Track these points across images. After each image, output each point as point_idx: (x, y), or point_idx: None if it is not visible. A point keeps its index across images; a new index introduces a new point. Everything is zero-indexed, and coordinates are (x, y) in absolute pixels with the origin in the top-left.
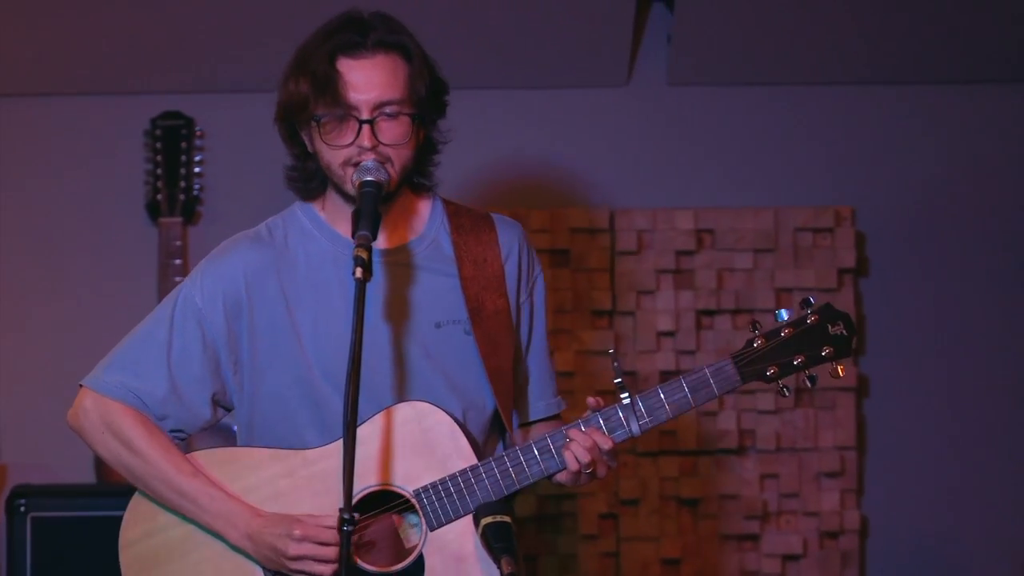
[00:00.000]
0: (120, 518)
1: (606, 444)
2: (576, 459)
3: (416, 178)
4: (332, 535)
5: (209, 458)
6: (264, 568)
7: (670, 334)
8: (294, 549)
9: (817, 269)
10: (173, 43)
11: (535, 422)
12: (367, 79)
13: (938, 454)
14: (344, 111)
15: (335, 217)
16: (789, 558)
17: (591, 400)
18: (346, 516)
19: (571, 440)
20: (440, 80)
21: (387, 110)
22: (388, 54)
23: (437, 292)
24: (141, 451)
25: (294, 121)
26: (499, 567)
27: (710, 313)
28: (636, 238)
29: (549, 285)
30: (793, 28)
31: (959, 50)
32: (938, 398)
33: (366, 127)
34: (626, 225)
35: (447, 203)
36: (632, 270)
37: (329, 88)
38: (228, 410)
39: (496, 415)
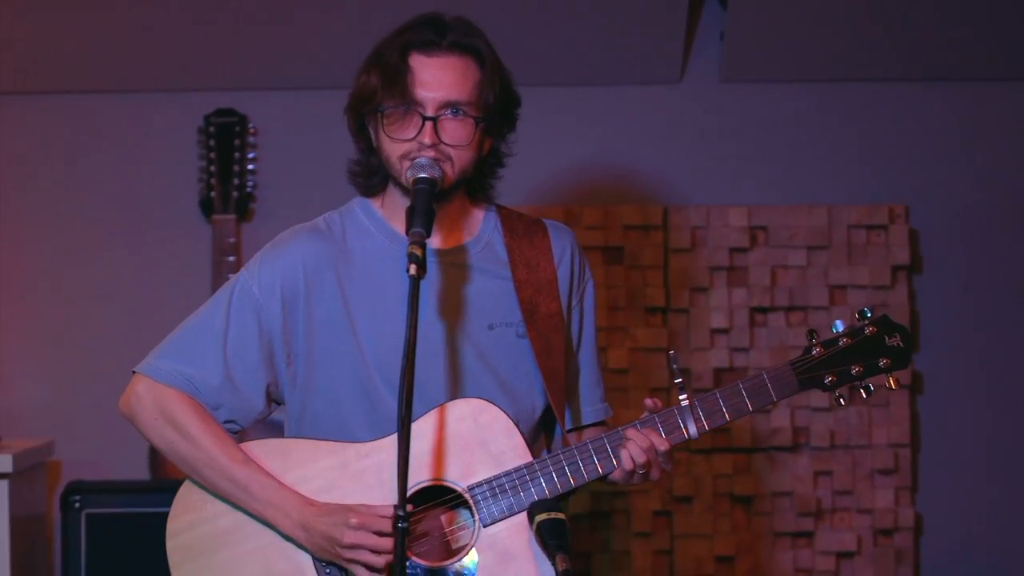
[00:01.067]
0: None
1: (662, 446)
2: (631, 459)
3: (476, 187)
4: (387, 525)
5: (262, 448)
6: (315, 558)
7: (724, 331)
8: (349, 537)
9: (871, 266)
10: (227, 40)
11: (582, 427)
12: (436, 77)
13: (992, 451)
14: (409, 105)
15: (393, 214)
16: (843, 555)
17: (648, 401)
18: (400, 512)
19: (628, 440)
20: (513, 93)
21: (452, 110)
22: (462, 56)
23: (491, 294)
24: (194, 437)
25: (362, 112)
26: (553, 564)
27: (763, 310)
28: (690, 235)
29: (602, 282)
30: (846, 24)
31: (1014, 47)
32: (993, 395)
33: (429, 124)
34: (680, 222)
35: (500, 208)
36: (686, 267)
37: (398, 81)
38: (279, 403)
39: (543, 418)
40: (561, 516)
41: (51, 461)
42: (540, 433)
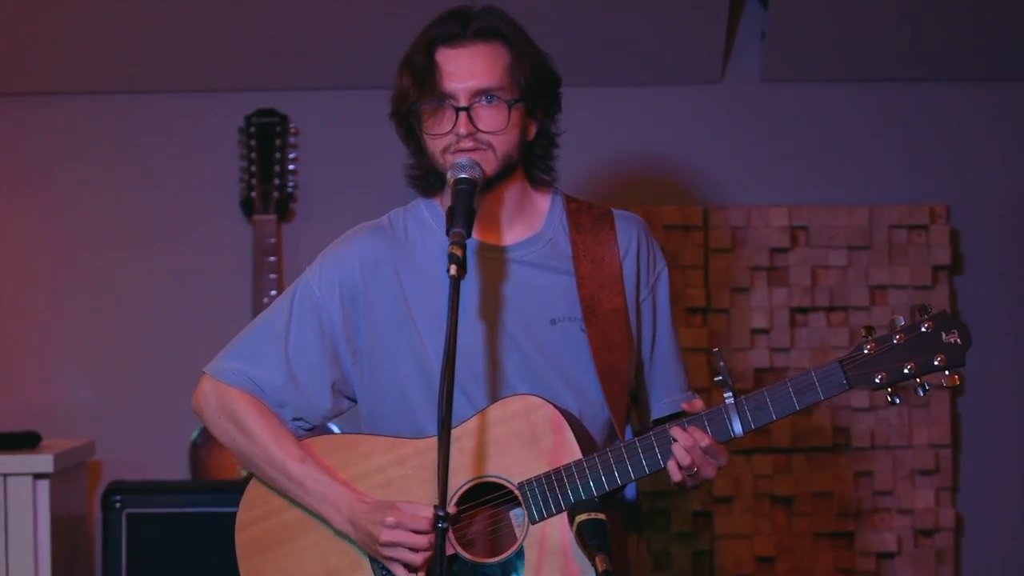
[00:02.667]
0: (214, 514)
1: (705, 441)
2: (677, 461)
3: (534, 172)
4: (425, 523)
5: (323, 444)
6: (366, 553)
7: (764, 331)
8: (386, 535)
9: (912, 266)
10: (268, 40)
11: (664, 419)
12: (463, 67)
13: None
14: (441, 100)
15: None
16: (884, 556)
17: (685, 404)
18: (440, 512)
19: (673, 441)
20: (550, 71)
21: (486, 97)
22: (488, 42)
23: (553, 289)
24: (252, 433)
25: (402, 116)
26: (593, 564)
27: (804, 311)
28: (730, 235)
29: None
30: (887, 24)
31: None
32: None
33: (463, 114)
34: (720, 222)
35: (568, 199)
36: (726, 267)
37: (428, 79)
38: (353, 400)
39: (610, 416)
40: (602, 516)
41: (92, 461)
42: (611, 433)
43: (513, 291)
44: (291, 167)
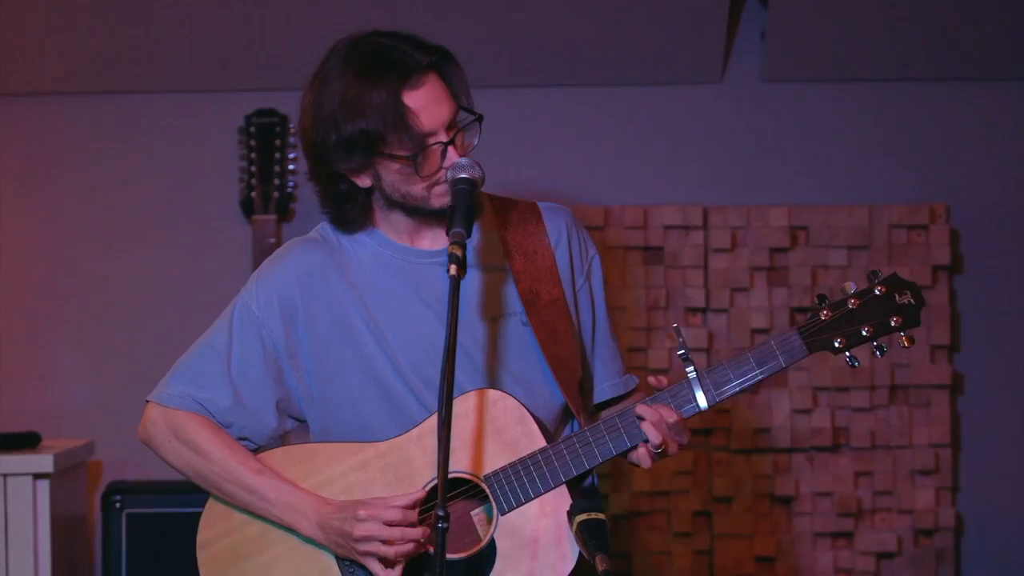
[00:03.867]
0: None
1: (672, 418)
2: (648, 439)
3: None
4: (396, 514)
5: (285, 455)
6: (338, 558)
7: (764, 331)
8: (359, 530)
9: (911, 266)
10: (267, 40)
11: (606, 403)
12: (435, 103)
13: None
14: (423, 141)
15: (384, 225)
16: (883, 556)
17: (652, 379)
18: (440, 513)
19: (640, 419)
20: (460, 68)
21: (456, 122)
22: (438, 69)
23: (490, 287)
24: (208, 452)
25: (343, 163)
26: (593, 564)
27: (804, 310)
28: (730, 235)
29: (642, 282)
30: (887, 24)
31: None
32: None
33: (450, 148)
34: (720, 222)
35: (492, 198)
36: (726, 267)
37: (405, 125)
38: (298, 420)
39: (566, 405)
40: (601, 516)
41: (92, 461)
42: (566, 420)
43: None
44: (291, 167)
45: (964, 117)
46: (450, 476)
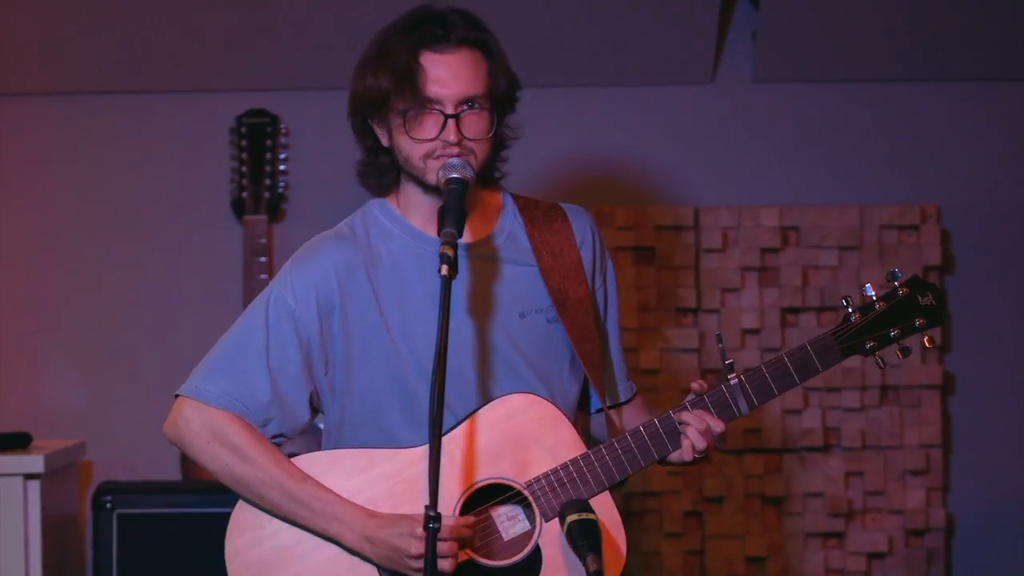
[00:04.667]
0: (205, 515)
1: (719, 427)
2: (692, 446)
3: (487, 173)
4: (451, 531)
5: (314, 462)
6: (380, 568)
7: (755, 332)
8: (417, 548)
9: (902, 267)
10: (259, 40)
11: (612, 407)
12: (452, 74)
13: None
14: (425, 105)
15: (411, 211)
16: (874, 556)
17: (695, 384)
18: (431, 513)
19: (685, 424)
20: (515, 77)
21: (470, 104)
22: (472, 49)
23: (519, 283)
24: (252, 458)
25: (370, 115)
26: (584, 564)
27: (795, 311)
28: (721, 235)
29: (633, 283)
30: (878, 25)
31: None
32: None
33: (452, 121)
34: (711, 222)
35: (516, 197)
36: (717, 268)
37: (412, 82)
38: (322, 412)
39: (576, 402)
40: (592, 517)
41: (83, 461)
42: (577, 417)
43: (479, 288)
44: (282, 167)
45: (955, 118)
46: (491, 482)
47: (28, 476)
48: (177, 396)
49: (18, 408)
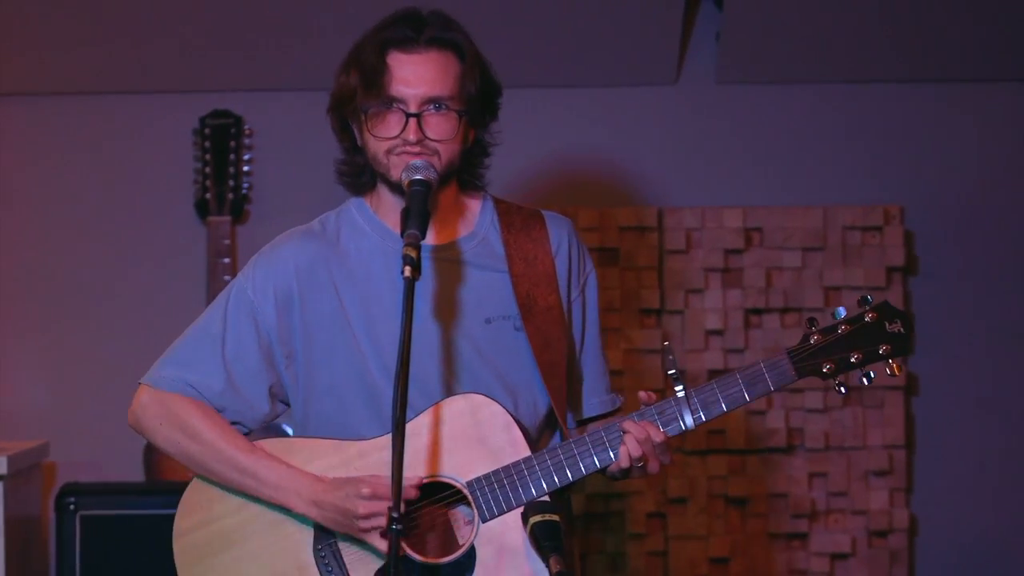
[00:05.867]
0: (169, 516)
1: (659, 438)
2: (628, 453)
3: (466, 177)
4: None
5: (267, 447)
6: (317, 557)
7: (718, 333)
8: (364, 507)
9: (866, 268)
10: (222, 41)
11: (589, 420)
12: (416, 74)
13: (987, 452)
14: (390, 103)
15: (385, 211)
16: (838, 557)
17: (642, 394)
18: (395, 515)
19: (625, 433)
20: (493, 82)
21: (435, 105)
22: (441, 51)
23: (487, 288)
24: (198, 433)
25: (344, 113)
26: (547, 566)
27: (758, 312)
28: (685, 236)
29: (598, 283)
30: (841, 26)
31: (1009, 48)
32: (987, 396)
33: (412, 120)
34: (675, 223)
35: (498, 201)
36: (681, 268)
37: (377, 80)
38: (287, 404)
39: (550, 413)
40: (555, 518)
41: (46, 463)
42: (548, 427)
43: (447, 290)
44: (245, 168)
45: (918, 118)
46: (433, 480)
47: None
48: (140, 384)
49: None
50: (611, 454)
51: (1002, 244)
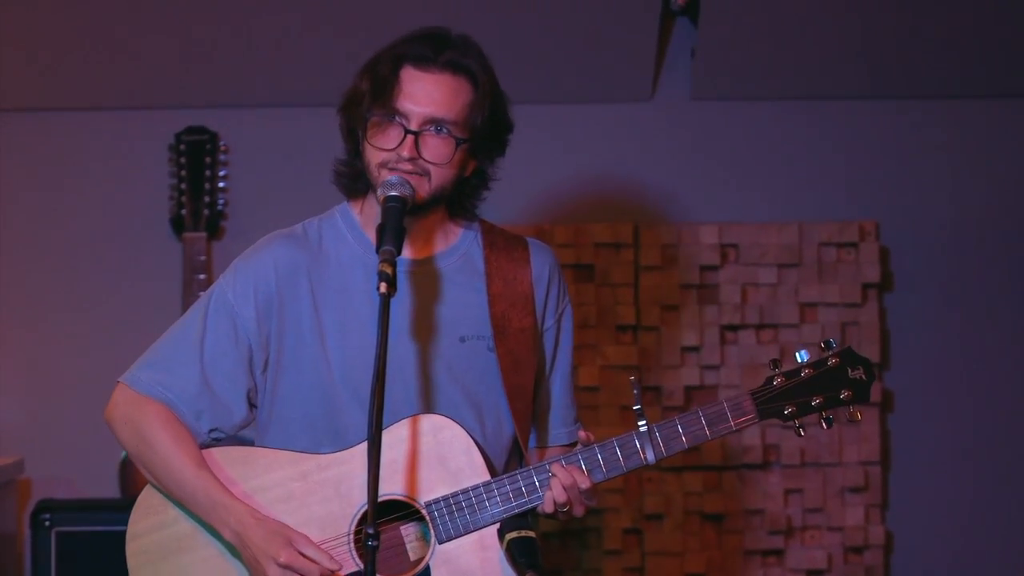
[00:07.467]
0: None
1: (584, 484)
2: (552, 498)
3: (457, 207)
4: (326, 561)
5: (225, 455)
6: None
7: (694, 349)
8: (286, 556)
9: (841, 284)
10: (197, 58)
11: (550, 447)
12: (424, 91)
13: (962, 469)
14: (393, 116)
15: (369, 222)
16: (813, 573)
17: (582, 434)
18: (370, 531)
19: (552, 476)
20: (506, 118)
21: (436, 127)
22: (455, 75)
23: (463, 306)
24: (152, 442)
25: (351, 115)
26: None
27: (734, 328)
28: (660, 253)
29: (573, 300)
30: (816, 42)
31: (985, 65)
32: (962, 413)
33: (410, 137)
34: (651, 240)
35: (483, 223)
36: (656, 285)
37: (385, 91)
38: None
39: (516, 437)
40: (531, 534)
41: (21, 479)
42: (516, 449)
43: (423, 307)
44: (221, 184)
45: (893, 135)
46: (389, 498)
47: None
48: (118, 382)
49: None
50: (540, 494)
51: (977, 260)
